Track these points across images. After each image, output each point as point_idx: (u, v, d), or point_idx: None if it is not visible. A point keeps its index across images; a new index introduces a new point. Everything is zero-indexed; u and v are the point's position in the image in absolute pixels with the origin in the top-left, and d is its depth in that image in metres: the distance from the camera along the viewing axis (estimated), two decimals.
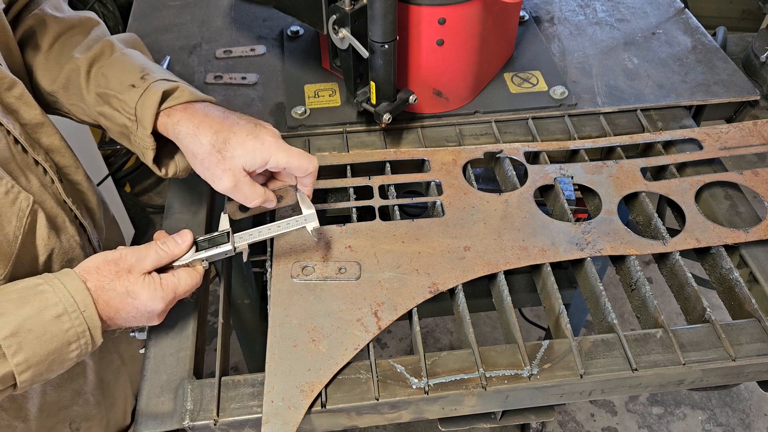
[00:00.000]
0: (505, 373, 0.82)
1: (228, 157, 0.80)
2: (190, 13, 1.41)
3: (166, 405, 0.80)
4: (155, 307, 0.76)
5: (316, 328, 0.85)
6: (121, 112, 0.84)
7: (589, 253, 0.94)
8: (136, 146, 0.86)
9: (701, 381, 0.87)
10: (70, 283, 0.71)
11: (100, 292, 0.73)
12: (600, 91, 1.22)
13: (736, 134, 1.12)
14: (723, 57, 1.29)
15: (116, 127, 0.86)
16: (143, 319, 0.77)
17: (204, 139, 0.80)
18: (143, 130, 0.82)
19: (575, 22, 1.39)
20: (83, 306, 0.71)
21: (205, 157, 0.81)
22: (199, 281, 0.80)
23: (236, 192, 0.83)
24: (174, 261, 0.79)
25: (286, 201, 0.89)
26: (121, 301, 0.74)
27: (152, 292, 0.75)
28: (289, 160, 0.82)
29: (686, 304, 0.94)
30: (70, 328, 0.70)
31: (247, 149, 0.80)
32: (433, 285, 0.90)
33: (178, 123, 0.82)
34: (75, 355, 0.72)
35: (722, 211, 1.03)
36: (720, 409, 2.22)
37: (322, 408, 0.79)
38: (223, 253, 0.81)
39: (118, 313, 0.75)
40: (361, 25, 0.97)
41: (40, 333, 0.68)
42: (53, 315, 0.69)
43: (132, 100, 0.82)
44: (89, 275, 0.73)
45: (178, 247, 0.79)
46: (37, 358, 0.68)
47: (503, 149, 1.09)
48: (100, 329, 0.73)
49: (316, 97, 1.19)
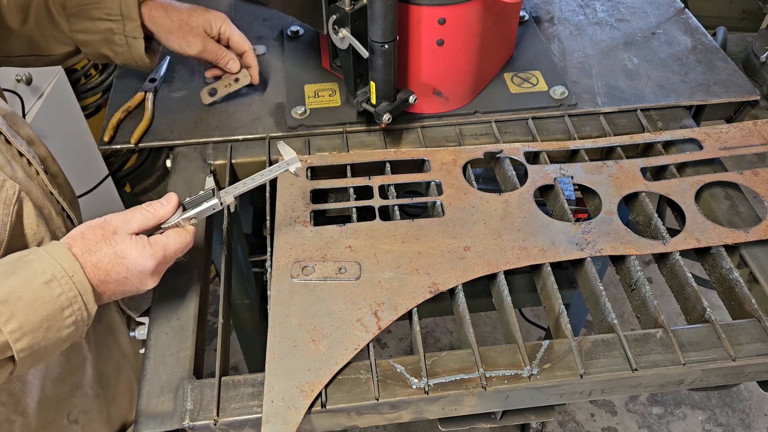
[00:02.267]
0: (505, 373, 0.82)
1: (194, 26, 1.07)
2: None
3: (166, 405, 0.80)
4: (146, 264, 0.75)
5: (316, 328, 0.85)
6: (104, 18, 1.01)
7: (589, 253, 0.94)
8: (120, 45, 1.04)
9: (701, 381, 0.87)
10: (55, 252, 0.71)
11: (87, 256, 0.72)
12: (600, 91, 1.22)
13: (736, 134, 1.12)
14: (723, 57, 1.29)
15: (98, 36, 1.03)
16: (136, 280, 0.77)
17: (173, 17, 1.06)
18: (132, 23, 1.02)
19: (575, 22, 1.39)
20: (71, 271, 0.70)
21: (177, 30, 1.06)
22: (189, 240, 0.81)
23: (206, 52, 1.10)
24: (162, 223, 0.79)
25: (242, 82, 1.16)
26: (109, 262, 0.73)
27: (141, 249, 0.75)
28: (231, 31, 1.12)
29: (686, 304, 0.94)
30: (61, 293, 0.69)
31: (206, 19, 1.08)
32: (433, 285, 0.90)
33: (150, 10, 1.05)
34: (71, 322, 0.71)
35: (722, 211, 1.03)
36: (720, 409, 2.22)
37: (322, 408, 0.79)
38: (210, 207, 0.82)
39: (108, 274, 0.74)
40: (361, 25, 0.97)
41: (30, 300, 0.67)
42: (42, 282, 0.68)
43: (114, 2, 1.00)
44: (74, 241, 0.73)
45: (163, 208, 0.80)
46: (30, 325, 0.67)
47: (503, 149, 1.09)
48: (91, 294, 0.72)
49: (316, 97, 1.19)
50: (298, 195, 1.02)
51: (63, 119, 1.90)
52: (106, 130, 1.13)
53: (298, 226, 0.97)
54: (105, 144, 1.12)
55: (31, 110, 1.73)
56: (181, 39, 1.07)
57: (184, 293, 0.91)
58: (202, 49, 1.09)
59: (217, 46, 1.11)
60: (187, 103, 1.19)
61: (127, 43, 1.03)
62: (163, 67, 1.25)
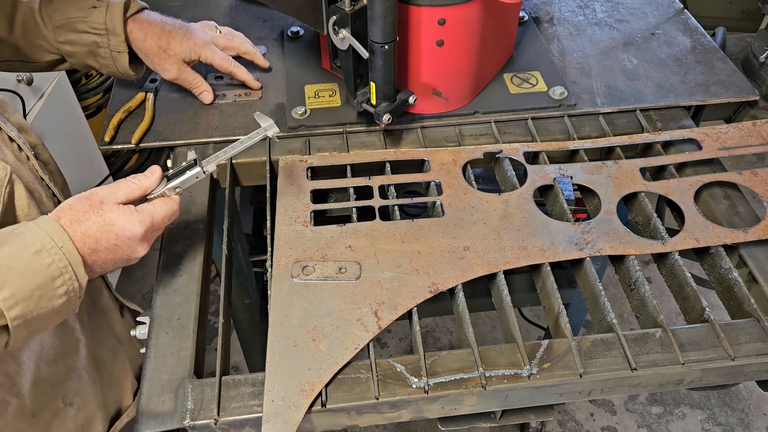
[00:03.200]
0: (504, 373, 0.83)
1: (171, 54, 1.09)
2: (190, 13, 1.41)
3: (166, 404, 0.80)
4: (135, 230, 0.77)
5: (316, 328, 0.85)
6: (90, 32, 1.02)
7: (589, 253, 0.95)
8: (105, 58, 1.05)
9: (700, 381, 0.87)
10: (44, 224, 0.72)
11: (75, 226, 0.74)
12: (599, 91, 1.22)
13: (736, 134, 1.12)
14: (722, 57, 1.29)
15: (83, 48, 1.04)
16: (126, 247, 0.78)
17: (151, 42, 1.06)
18: (116, 37, 1.03)
19: (575, 23, 1.40)
20: (60, 242, 0.72)
21: (154, 55, 1.08)
22: (175, 208, 0.84)
23: (180, 80, 1.14)
24: (147, 195, 0.82)
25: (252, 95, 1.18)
26: (98, 230, 0.75)
27: (129, 216, 0.77)
28: (213, 57, 1.14)
29: (685, 304, 0.94)
30: (51, 263, 0.70)
31: (184, 47, 1.09)
32: (433, 285, 0.90)
33: (131, 32, 1.05)
34: (63, 292, 0.72)
35: (721, 211, 1.03)
36: (719, 408, 2.23)
37: (323, 407, 0.79)
38: (194, 176, 0.85)
39: (98, 242, 0.75)
40: (361, 25, 0.97)
41: (21, 269, 0.68)
42: (32, 252, 0.69)
43: (99, 17, 1.02)
44: (62, 213, 0.75)
45: (148, 179, 0.82)
46: (23, 293, 0.68)
47: (503, 149, 1.10)
48: (81, 265, 0.73)
49: (317, 98, 1.19)
50: (298, 195, 1.02)
51: (64, 120, 1.91)
52: (107, 130, 1.13)
53: (298, 226, 0.97)
54: (106, 144, 1.12)
55: (32, 111, 1.73)
56: (157, 65, 1.09)
57: (184, 293, 0.91)
58: (176, 77, 1.13)
59: (192, 74, 1.14)
60: (187, 103, 1.19)
61: (111, 57, 1.05)
62: None
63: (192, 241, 0.97)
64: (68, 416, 0.96)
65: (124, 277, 2.41)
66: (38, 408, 0.91)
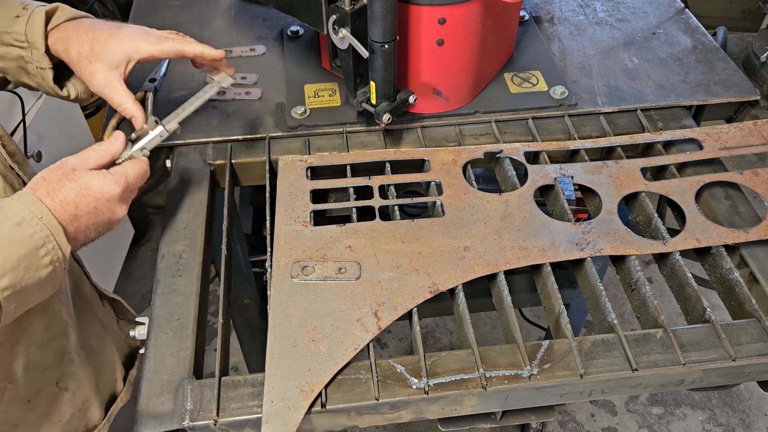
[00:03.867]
0: (505, 373, 0.82)
1: (94, 62, 0.90)
2: (190, 13, 1.41)
3: (166, 405, 0.80)
4: (112, 191, 0.79)
5: (316, 328, 0.85)
6: (14, 44, 0.90)
7: (589, 253, 0.94)
8: (35, 75, 0.92)
9: (701, 381, 0.87)
10: (21, 198, 0.74)
11: (53, 195, 0.75)
12: (600, 91, 1.21)
13: (736, 134, 1.12)
14: (723, 57, 1.29)
15: (14, 63, 0.92)
16: (106, 210, 0.80)
17: (72, 51, 0.90)
18: (37, 51, 0.90)
19: (575, 22, 1.39)
20: (39, 213, 0.73)
21: (77, 65, 0.91)
22: (146, 168, 0.87)
23: (110, 92, 0.92)
24: (115, 160, 0.85)
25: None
26: (76, 195, 0.76)
27: (103, 179, 0.79)
28: (152, 48, 0.92)
29: (686, 304, 0.94)
30: (34, 233, 0.71)
31: (109, 51, 0.90)
32: (433, 285, 0.90)
33: (55, 43, 0.91)
34: (48, 261, 0.73)
35: (722, 211, 1.03)
36: (720, 409, 2.22)
37: (322, 408, 0.79)
38: (158, 135, 0.90)
39: (78, 208, 0.76)
40: (361, 25, 0.97)
41: (5, 241, 0.69)
42: (13, 224, 0.70)
43: (20, 27, 0.89)
44: (36, 186, 0.76)
45: (114, 144, 0.84)
46: (10, 264, 0.69)
47: (503, 149, 1.09)
48: (63, 234, 0.74)
49: (316, 97, 1.19)
50: (298, 195, 1.02)
51: (63, 119, 1.90)
52: (106, 129, 1.13)
53: (298, 226, 0.97)
54: None
55: (31, 110, 1.73)
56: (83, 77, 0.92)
57: (184, 293, 0.91)
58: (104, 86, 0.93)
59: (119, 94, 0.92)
60: None
61: (39, 73, 0.92)
62: (163, 67, 1.25)
63: (191, 241, 0.97)
64: (64, 401, 0.96)
65: (123, 278, 2.41)
66: (33, 393, 0.91)
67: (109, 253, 2.20)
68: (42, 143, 1.71)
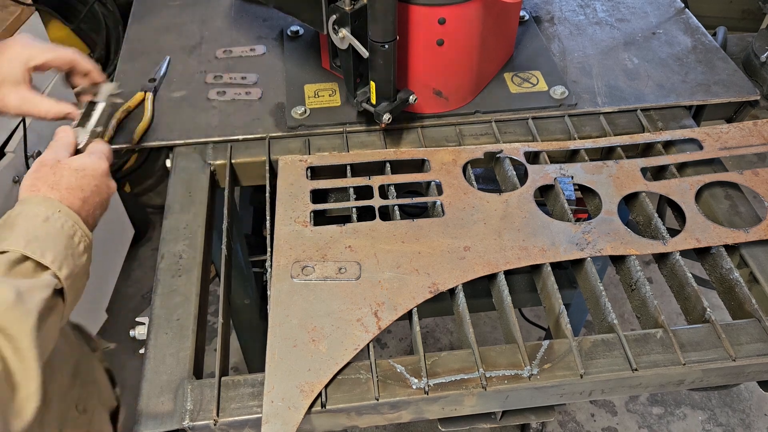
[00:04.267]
0: (505, 373, 0.82)
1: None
2: (190, 13, 1.41)
3: (166, 405, 0.80)
4: (102, 165, 0.86)
5: (316, 328, 0.85)
6: None
7: (589, 253, 0.94)
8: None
9: (701, 381, 0.87)
10: (31, 200, 0.76)
11: (57, 188, 0.78)
12: (600, 91, 1.21)
13: (736, 134, 1.12)
14: (723, 57, 1.29)
15: None
16: (104, 186, 0.85)
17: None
18: None
19: (575, 22, 1.39)
20: (56, 207, 0.75)
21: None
22: (107, 146, 0.93)
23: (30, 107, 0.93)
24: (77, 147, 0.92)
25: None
26: (76, 179, 0.80)
27: (88, 157, 0.85)
28: (46, 55, 0.94)
29: (686, 304, 0.94)
30: (63, 224, 0.74)
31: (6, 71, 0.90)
32: (433, 285, 0.90)
33: None
34: (83, 248, 0.76)
35: (722, 211, 1.03)
36: (720, 409, 2.22)
37: (322, 408, 0.79)
38: (103, 111, 1.01)
39: (83, 190, 0.80)
40: (361, 25, 0.97)
41: (44, 235, 0.71)
42: (41, 221, 0.73)
43: None
44: (35, 187, 0.78)
45: (67, 135, 0.90)
46: (61, 255, 0.71)
47: (503, 149, 1.09)
48: (81, 220, 0.78)
49: (316, 97, 1.19)
50: (298, 195, 1.02)
51: (62, 119, 1.90)
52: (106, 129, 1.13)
53: (298, 226, 0.97)
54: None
55: None
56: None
57: (184, 293, 0.91)
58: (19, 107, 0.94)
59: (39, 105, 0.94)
60: (187, 103, 1.19)
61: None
62: (163, 67, 1.25)
63: (191, 241, 0.97)
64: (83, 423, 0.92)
65: (123, 278, 2.40)
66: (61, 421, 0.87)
67: (109, 253, 2.20)
68: (42, 143, 1.71)
